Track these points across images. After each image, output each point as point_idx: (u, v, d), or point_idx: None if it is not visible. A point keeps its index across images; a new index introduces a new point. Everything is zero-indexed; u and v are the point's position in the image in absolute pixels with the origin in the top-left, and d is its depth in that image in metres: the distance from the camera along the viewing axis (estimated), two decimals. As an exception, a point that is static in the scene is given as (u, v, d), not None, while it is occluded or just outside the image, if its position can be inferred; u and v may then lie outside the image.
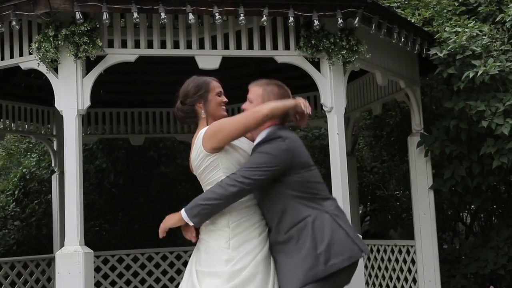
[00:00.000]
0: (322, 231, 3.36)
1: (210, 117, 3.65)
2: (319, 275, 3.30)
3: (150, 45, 5.85)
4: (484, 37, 6.47)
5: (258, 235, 3.49)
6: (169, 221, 3.53)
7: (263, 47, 6.02)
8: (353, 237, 3.44)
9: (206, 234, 3.53)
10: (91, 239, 8.66)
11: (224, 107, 3.71)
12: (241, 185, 3.35)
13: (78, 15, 5.29)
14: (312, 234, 3.35)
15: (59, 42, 5.43)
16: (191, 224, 3.45)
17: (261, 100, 3.61)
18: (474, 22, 6.72)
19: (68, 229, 5.39)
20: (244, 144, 3.63)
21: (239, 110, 3.60)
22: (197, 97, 3.65)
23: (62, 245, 5.67)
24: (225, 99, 3.72)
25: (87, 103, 5.55)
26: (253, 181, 3.37)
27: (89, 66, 5.67)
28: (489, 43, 6.46)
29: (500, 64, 6.29)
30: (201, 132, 3.56)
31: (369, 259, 8.00)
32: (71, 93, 5.51)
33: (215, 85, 3.72)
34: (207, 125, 3.59)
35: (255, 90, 3.70)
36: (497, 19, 6.84)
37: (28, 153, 11.74)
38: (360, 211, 10.89)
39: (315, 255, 3.32)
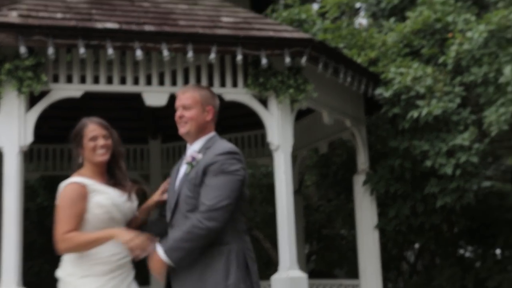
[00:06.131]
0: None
1: (87, 162, 3.54)
2: None
3: (96, 80, 5.76)
4: (427, 78, 6.62)
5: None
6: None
7: (211, 84, 6.00)
8: None
9: None
10: (30, 280, 8.33)
11: (101, 150, 3.48)
12: None
13: (22, 49, 5.19)
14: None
15: (2, 77, 5.30)
16: None
17: (201, 107, 3.36)
18: (418, 63, 6.88)
19: (5, 270, 5.19)
20: None
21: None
22: (75, 144, 3.52)
23: (-1, 286, 5.44)
24: (101, 143, 3.48)
25: (30, 139, 5.41)
26: None
27: (33, 100, 5.54)
28: (432, 84, 6.61)
29: (443, 104, 6.44)
30: (63, 183, 3.58)
31: (315, 298, 7.94)
32: (13, 129, 5.37)
33: (90, 129, 3.49)
34: (82, 170, 3.55)
35: (192, 95, 3.39)
36: (439, 61, 7.03)
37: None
38: (306, 250, 10.87)
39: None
